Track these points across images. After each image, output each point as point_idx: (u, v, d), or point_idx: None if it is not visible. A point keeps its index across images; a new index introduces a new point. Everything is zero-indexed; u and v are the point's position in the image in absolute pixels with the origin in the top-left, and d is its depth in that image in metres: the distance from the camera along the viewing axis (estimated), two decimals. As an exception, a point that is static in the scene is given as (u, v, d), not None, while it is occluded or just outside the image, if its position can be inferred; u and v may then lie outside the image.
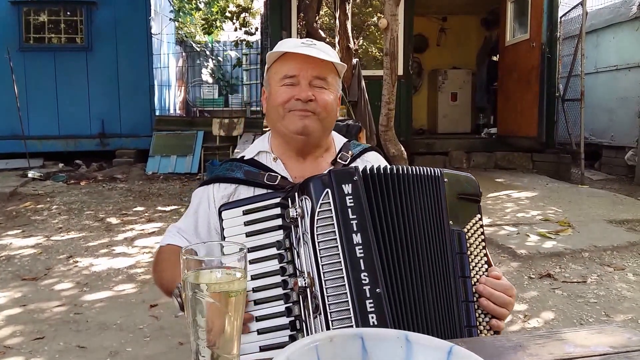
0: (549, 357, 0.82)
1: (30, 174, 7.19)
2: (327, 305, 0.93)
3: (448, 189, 1.05)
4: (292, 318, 0.98)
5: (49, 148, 8.33)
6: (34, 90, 8.35)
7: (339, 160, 1.28)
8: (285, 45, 1.25)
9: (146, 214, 5.27)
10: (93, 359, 2.45)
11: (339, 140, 1.36)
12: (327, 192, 0.97)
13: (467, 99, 9.06)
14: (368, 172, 1.01)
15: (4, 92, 7.98)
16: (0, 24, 8.35)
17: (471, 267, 1.03)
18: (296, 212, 0.99)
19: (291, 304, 0.98)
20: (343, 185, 0.97)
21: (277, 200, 1.05)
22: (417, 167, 1.05)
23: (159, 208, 5.52)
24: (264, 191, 1.16)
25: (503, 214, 4.64)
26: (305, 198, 0.99)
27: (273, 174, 1.21)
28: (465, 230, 1.04)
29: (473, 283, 1.03)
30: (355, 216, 0.96)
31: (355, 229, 0.95)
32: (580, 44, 6.62)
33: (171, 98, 10.95)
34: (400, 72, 6.62)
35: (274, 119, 1.26)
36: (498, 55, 8.09)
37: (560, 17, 7.15)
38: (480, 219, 1.07)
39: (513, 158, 7.19)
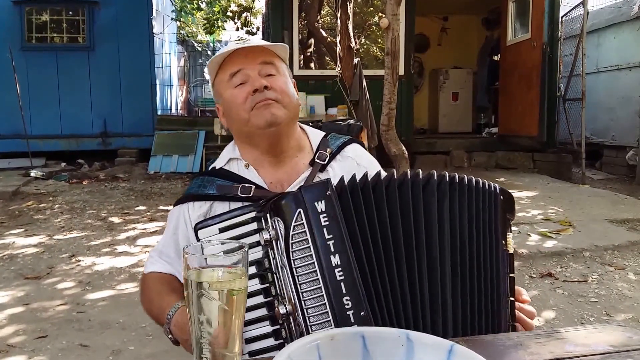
0: (550, 356, 0.82)
1: (33, 173, 7.20)
2: (310, 334, 0.88)
3: (501, 208, 1.01)
4: (281, 341, 0.94)
5: (51, 147, 8.34)
6: (36, 90, 8.35)
7: (317, 160, 1.20)
8: (219, 52, 1.19)
9: (148, 213, 5.28)
10: (95, 357, 2.46)
11: (315, 136, 1.27)
12: (300, 212, 0.91)
13: (468, 98, 9.06)
14: (344, 183, 0.94)
15: (7, 92, 7.99)
16: (2, 23, 8.35)
17: None
18: (269, 234, 0.93)
19: (278, 327, 0.94)
20: (316, 203, 0.91)
21: (253, 214, 0.98)
22: (464, 178, 0.98)
23: (161, 207, 5.53)
24: (240, 204, 1.09)
25: (504, 214, 4.64)
26: (277, 220, 0.93)
27: (247, 184, 1.14)
28: (508, 249, 1.02)
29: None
30: (331, 236, 0.90)
31: (332, 250, 0.90)
32: (581, 43, 6.61)
33: (173, 97, 10.96)
34: (402, 71, 6.63)
35: (240, 123, 1.17)
36: (499, 55, 8.09)
37: (562, 17, 7.14)
38: (512, 237, 1.04)
39: (514, 157, 7.19)
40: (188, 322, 0.99)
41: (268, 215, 0.95)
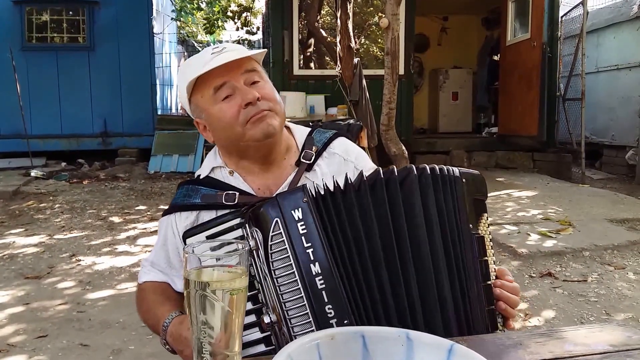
0: (550, 356, 0.82)
1: (33, 173, 7.20)
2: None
3: (466, 191, 0.98)
4: (272, 347, 0.94)
5: (52, 147, 8.35)
6: (37, 90, 8.35)
7: (302, 160, 1.17)
8: (194, 66, 1.10)
9: (148, 213, 5.28)
10: (96, 357, 2.46)
11: (301, 135, 1.23)
12: (277, 221, 0.91)
13: (468, 98, 9.06)
14: (320, 188, 0.94)
15: (7, 92, 7.99)
16: (2, 23, 8.35)
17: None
18: (249, 245, 0.92)
19: (268, 333, 0.95)
20: (292, 212, 0.91)
21: (237, 221, 0.99)
22: (433, 167, 0.98)
23: (161, 207, 5.52)
24: (226, 211, 1.07)
25: (504, 213, 4.65)
26: (256, 230, 0.93)
27: (231, 192, 1.12)
28: (480, 231, 0.99)
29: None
30: (310, 244, 0.90)
31: (312, 259, 0.90)
32: (581, 43, 6.61)
33: (173, 97, 10.95)
34: (402, 71, 6.63)
35: (233, 139, 1.12)
36: (499, 55, 8.09)
37: (561, 17, 7.14)
38: (487, 217, 1.01)
39: (514, 157, 7.19)
40: (183, 331, 1.00)
41: (247, 225, 0.95)
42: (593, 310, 2.88)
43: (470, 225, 0.97)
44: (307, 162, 1.17)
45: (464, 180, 0.98)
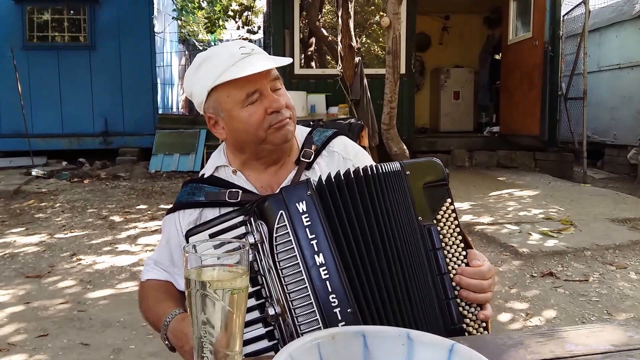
0: (551, 355, 0.82)
1: (34, 172, 7.21)
2: (299, 334, 0.90)
3: (412, 182, 1.00)
4: (275, 341, 0.96)
5: (53, 146, 8.36)
6: (38, 89, 8.37)
7: (302, 158, 1.19)
8: (224, 61, 1.09)
9: (149, 212, 5.28)
10: (96, 356, 2.47)
11: (301, 134, 1.25)
12: (282, 214, 0.94)
13: (469, 97, 9.06)
14: (323, 182, 0.97)
15: (8, 91, 8.01)
16: (3, 22, 8.37)
17: (448, 259, 0.99)
18: (254, 238, 0.95)
19: (271, 328, 0.96)
20: (297, 204, 0.94)
21: (240, 218, 1.00)
22: (377, 165, 1.01)
23: (162, 206, 5.53)
24: (229, 209, 1.08)
25: (505, 213, 4.64)
26: (261, 223, 0.95)
27: (234, 190, 1.14)
28: (437, 220, 0.99)
29: (452, 276, 0.98)
30: (314, 235, 0.93)
31: (316, 250, 0.93)
32: (582, 42, 6.60)
33: (174, 96, 10.96)
34: (403, 70, 6.62)
35: (252, 142, 1.14)
36: (500, 54, 8.08)
37: (563, 16, 7.14)
38: (451, 203, 1.00)
39: (515, 156, 7.19)
40: (185, 328, 1.01)
41: (252, 219, 0.97)
42: (594, 310, 2.88)
43: (420, 217, 0.99)
44: (307, 160, 1.19)
45: (407, 172, 1.00)
